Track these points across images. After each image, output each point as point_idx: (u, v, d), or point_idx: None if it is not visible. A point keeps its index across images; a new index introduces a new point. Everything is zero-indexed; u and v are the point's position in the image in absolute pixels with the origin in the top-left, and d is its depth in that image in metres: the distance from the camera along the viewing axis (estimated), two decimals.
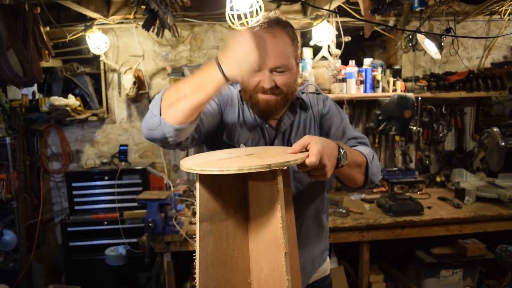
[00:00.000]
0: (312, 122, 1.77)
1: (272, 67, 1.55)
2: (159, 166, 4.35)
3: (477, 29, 4.45)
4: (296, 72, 1.67)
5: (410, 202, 3.51)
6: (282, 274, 1.10)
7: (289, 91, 1.63)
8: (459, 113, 4.43)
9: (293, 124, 1.74)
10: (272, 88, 1.58)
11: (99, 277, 3.87)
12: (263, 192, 1.17)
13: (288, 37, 1.60)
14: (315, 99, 1.83)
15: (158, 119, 1.32)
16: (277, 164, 1.02)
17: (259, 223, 1.21)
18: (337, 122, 1.77)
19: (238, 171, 1.00)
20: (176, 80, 3.94)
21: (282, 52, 1.56)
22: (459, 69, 4.40)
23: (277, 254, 1.11)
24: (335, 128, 1.76)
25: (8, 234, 3.68)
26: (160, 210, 3.17)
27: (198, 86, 1.25)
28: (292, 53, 1.61)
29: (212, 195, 1.19)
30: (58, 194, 4.37)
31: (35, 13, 3.13)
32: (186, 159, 1.18)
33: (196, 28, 4.23)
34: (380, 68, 4.12)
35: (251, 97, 1.63)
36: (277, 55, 1.54)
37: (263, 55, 1.19)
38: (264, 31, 1.55)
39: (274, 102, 1.61)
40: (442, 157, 4.48)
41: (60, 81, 4.14)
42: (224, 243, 1.23)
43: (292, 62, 1.61)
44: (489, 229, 3.53)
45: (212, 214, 1.19)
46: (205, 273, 1.17)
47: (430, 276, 3.62)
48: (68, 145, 4.31)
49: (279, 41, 1.56)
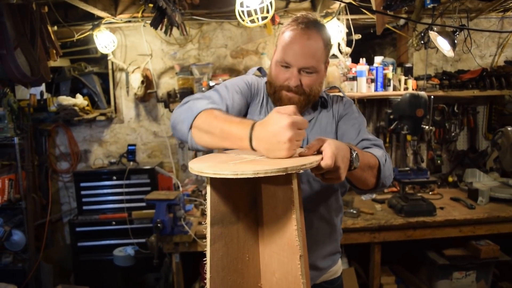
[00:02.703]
0: (330, 120, 1.79)
1: (301, 67, 1.60)
2: (167, 166, 4.33)
3: (490, 26, 4.38)
4: (323, 76, 1.71)
5: (422, 203, 3.45)
6: (296, 277, 1.08)
7: (312, 93, 1.67)
8: (472, 112, 4.36)
9: (312, 121, 1.77)
10: (297, 87, 1.63)
11: (107, 277, 3.86)
12: (277, 194, 1.14)
13: (322, 41, 1.63)
14: (337, 99, 1.85)
15: (186, 130, 1.43)
16: (293, 168, 0.99)
17: (272, 226, 1.18)
18: (353, 122, 1.77)
19: (253, 175, 0.96)
20: (184, 79, 3.92)
21: (314, 54, 1.61)
22: (472, 67, 4.33)
23: (291, 257, 1.09)
24: (350, 127, 1.76)
25: (17, 234, 3.67)
26: (168, 210, 3.15)
27: (227, 136, 1.27)
28: (323, 57, 1.66)
29: (222, 198, 1.15)
30: (66, 194, 4.37)
31: (43, 12, 3.12)
32: (194, 161, 1.14)
33: (205, 26, 4.20)
34: (391, 66, 4.06)
35: (275, 92, 1.68)
36: (308, 57, 1.60)
37: (295, 143, 1.13)
38: (301, 32, 1.60)
39: (296, 101, 1.65)
40: (454, 156, 4.42)
41: (68, 80, 4.13)
42: (235, 246, 1.19)
43: (321, 65, 1.66)
44: (503, 230, 3.46)
45: (223, 217, 1.15)
46: (216, 278, 1.13)
47: (443, 278, 3.57)
48: (76, 145, 4.30)
49: (312, 43, 1.60)
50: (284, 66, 1.63)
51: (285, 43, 1.63)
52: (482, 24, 4.36)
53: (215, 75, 4.04)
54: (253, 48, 4.27)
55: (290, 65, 1.61)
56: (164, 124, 4.32)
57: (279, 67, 1.66)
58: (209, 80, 3.89)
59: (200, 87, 3.81)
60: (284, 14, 4.08)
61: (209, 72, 3.99)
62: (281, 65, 1.64)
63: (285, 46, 1.62)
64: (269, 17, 2.85)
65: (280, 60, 1.64)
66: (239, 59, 4.28)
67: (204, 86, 3.81)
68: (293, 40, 1.61)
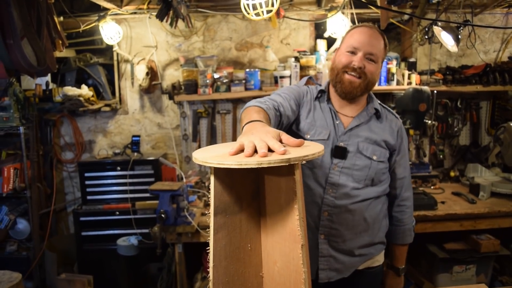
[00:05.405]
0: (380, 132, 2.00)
1: (367, 52, 1.86)
2: (171, 157, 4.36)
3: (494, 21, 4.37)
4: (379, 72, 1.96)
5: (424, 197, 3.47)
6: (298, 266, 1.09)
7: (370, 80, 1.90)
8: (475, 107, 4.36)
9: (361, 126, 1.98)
10: (360, 69, 1.86)
11: (111, 267, 3.89)
12: (280, 185, 1.15)
13: (382, 39, 1.93)
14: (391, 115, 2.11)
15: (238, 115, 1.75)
16: (296, 159, 1.00)
17: (274, 215, 1.19)
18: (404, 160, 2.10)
19: (257, 165, 0.97)
20: (189, 71, 3.93)
21: (377, 46, 1.89)
22: (476, 62, 4.34)
23: (293, 247, 1.11)
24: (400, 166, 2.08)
25: (21, 223, 3.72)
26: (172, 201, 3.18)
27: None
28: (382, 54, 1.93)
29: (226, 188, 1.17)
30: (70, 184, 4.40)
31: (49, 3, 3.12)
32: (198, 152, 1.16)
33: (210, 19, 4.21)
34: (395, 60, 4.06)
35: (337, 75, 1.93)
36: (373, 45, 1.88)
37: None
38: (368, 28, 1.92)
39: (357, 85, 1.89)
40: (456, 151, 4.43)
41: (74, 71, 4.15)
42: (237, 236, 1.21)
43: (380, 60, 1.93)
44: (504, 225, 3.47)
45: (226, 206, 1.17)
46: (218, 267, 1.15)
47: (443, 271, 3.59)
48: (81, 135, 4.33)
49: (377, 37, 1.90)
50: (350, 52, 1.88)
51: (353, 35, 1.92)
52: (487, 20, 4.35)
53: (220, 68, 4.06)
54: (257, 41, 4.28)
55: (358, 49, 1.87)
56: (168, 116, 4.34)
57: (345, 54, 1.90)
58: (214, 73, 3.91)
59: (204, 79, 3.82)
60: (289, 7, 4.08)
61: (214, 64, 4.00)
62: (347, 51, 1.89)
63: (354, 36, 1.91)
64: (274, 10, 2.85)
65: (348, 47, 1.90)
66: (243, 51, 4.29)
67: (209, 78, 3.83)
68: (361, 32, 1.90)
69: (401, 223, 2.14)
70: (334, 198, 1.92)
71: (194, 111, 4.24)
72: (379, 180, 1.99)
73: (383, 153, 1.97)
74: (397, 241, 2.19)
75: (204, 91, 3.83)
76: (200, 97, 3.91)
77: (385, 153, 1.98)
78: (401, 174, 2.08)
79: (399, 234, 2.16)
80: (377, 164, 1.95)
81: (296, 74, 3.89)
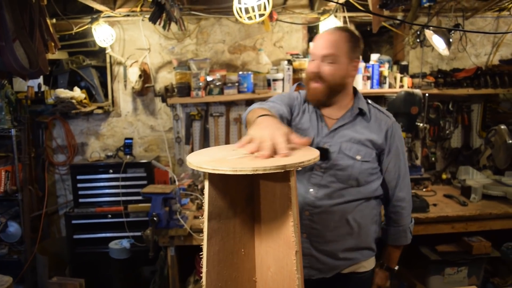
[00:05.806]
0: (366, 130, 1.99)
1: (322, 55, 1.87)
2: (164, 160, 4.35)
3: (485, 25, 4.40)
4: (347, 70, 1.92)
5: (416, 199, 3.48)
6: (291, 272, 1.10)
7: (331, 82, 1.89)
8: (466, 110, 4.39)
9: (345, 126, 1.99)
10: (317, 74, 1.89)
11: (103, 270, 3.87)
12: (275, 190, 1.16)
13: (344, 36, 1.89)
14: (383, 115, 2.07)
15: (244, 116, 1.82)
16: (292, 165, 1.00)
17: (268, 221, 1.20)
18: (396, 162, 2.05)
19: (252, 172, 0.96)
20: (182, 74, 3.93)
21: (334, 44, 1.87)
22: (467, 65, 4.36)
23: (287, 252, 1.11)
24: (392, 167, 2.05)
25: (12, 226, 3.69)
26: (164, 204, 3.16)
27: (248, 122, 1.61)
28: (344, 49, 1.88)
29: (220, 193, 1.17)
30: (62, 186, 4.38)
31: (42, 5, 3.10)
32: (192, 156, 1.15)
33: (203, 21, 4.21)
34: (387, 64, 4.08)
35: (307, 85, 1.98)
36: (327, 46, 1.87)
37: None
38: (326, 31, 1.95)
39: (319, 91, 1.91)
40: (448, 154, 4.45)
41: (66, 73, 4.13)
42: (231, 241, 1.22)
43: (343, 58, 1.88)
44: (495, 227, 3.50)
45: (220, 212, 1.18)
46: (212, 272, 1.16)
47: (435, 273, 3.61)
48: (73, 138, 4.31)
49: (332, 37, 1.89)
50: (312, 60, 1.92)
51: (314, 43, 1.96)
52: (478, 23, 4.38)
53: (213, 70, 4.05)
54: (250, 44, 4.28)
55: (314, 55, 1.90)
56: (161, 118, 4.33)
57: (309, 63, 1.94)
58: (207, 75, 3.90)
59: (197, 82, 3.82)
60: (282, 10, 4.09)
61: (207, 67, 4.00)
62: (311, 60, 1.93)
63: (314, 43, 1.95)
64: (266, 14, 2.86)
65: (311, 55, 1.95)
66: (236, 54, 4.30)
67: (202, 81, 3.82)
68: (319, 37, 1.94)
69: (396, 224, 2.14)
70: (315, 198, 1.94)
71: (187, 114, 4.23)
72: (366, 181, 1.97)
73: (368, 153, 1.96)
74: (390, 242, 2.19)
75: (197, 94, 3.83)
76: (193, 100, 3.91)
77: (371, 152, 1.96)
78: (394, 174, 2.05)
79: (392, 235, 2.16)
80: (361, 164, 1.93)
81: (289, 77, 3.90)
